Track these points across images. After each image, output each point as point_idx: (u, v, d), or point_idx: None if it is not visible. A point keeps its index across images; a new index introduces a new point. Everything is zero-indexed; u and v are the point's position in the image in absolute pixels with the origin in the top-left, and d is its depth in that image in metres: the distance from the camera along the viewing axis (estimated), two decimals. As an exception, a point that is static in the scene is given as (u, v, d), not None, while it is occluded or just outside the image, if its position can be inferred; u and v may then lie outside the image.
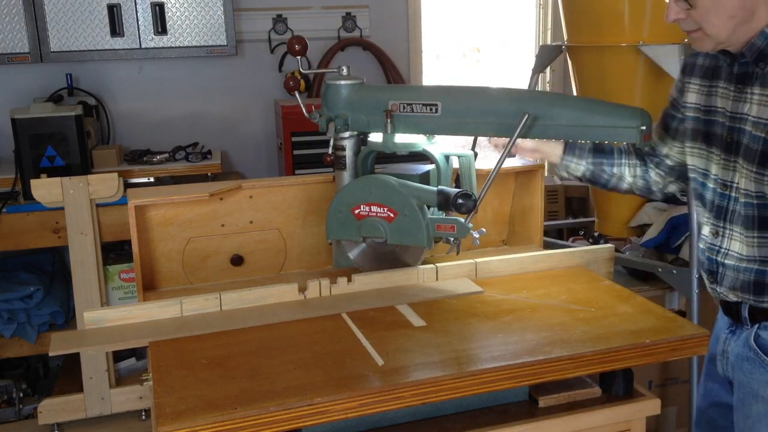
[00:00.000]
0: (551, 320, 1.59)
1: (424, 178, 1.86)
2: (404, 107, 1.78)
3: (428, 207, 1.77)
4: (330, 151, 1.86)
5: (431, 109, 1.75)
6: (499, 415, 1.50)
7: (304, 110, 1.90)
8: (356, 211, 1.81)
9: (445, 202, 1.71)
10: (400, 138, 1.81)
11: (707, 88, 1.66)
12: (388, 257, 1.86)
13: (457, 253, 1.80)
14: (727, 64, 1.60)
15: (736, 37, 1.50)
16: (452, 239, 1.75)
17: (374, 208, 1.79)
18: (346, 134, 1.85)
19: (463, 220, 1.72)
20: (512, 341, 1.49)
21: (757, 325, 1.62)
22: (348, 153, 1.88)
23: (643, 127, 1.60)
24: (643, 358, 1.49)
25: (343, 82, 1.83)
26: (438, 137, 1.84)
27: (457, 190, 1.72)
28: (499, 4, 4.64)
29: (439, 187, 1.75)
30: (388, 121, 1.77)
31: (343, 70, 1.86)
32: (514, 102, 1.71)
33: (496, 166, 1.68)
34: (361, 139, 1.88)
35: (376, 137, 1.85)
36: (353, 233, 1.82)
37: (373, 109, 1.81)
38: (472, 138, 1.88)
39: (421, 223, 1.74)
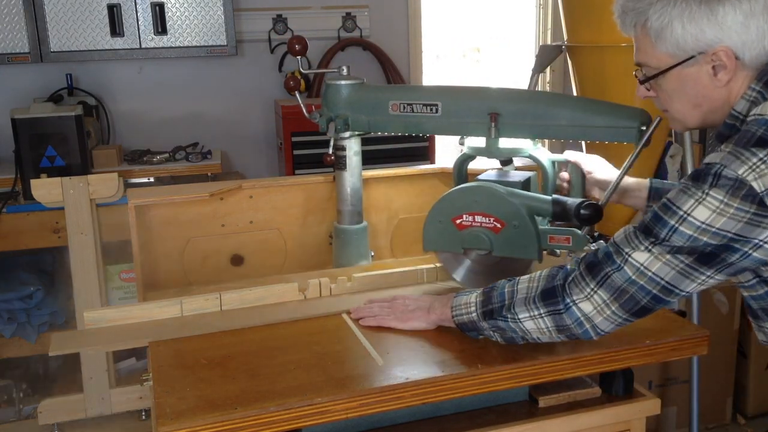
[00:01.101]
0: (551, 320, 1.59)
1: (527, 184, 1.75)
2: (404, 107, 1.77)
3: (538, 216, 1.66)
4: (330, 151, 1.86)
5: (431, 109, 1.75)
6: (499, 415, 1.49)
7: (304, 110, 1.90)
8: (458, 221, 1.69)
9: (562, 212, 1.60)
10: (505, 143, 1.73)
11: None
12: (493, 272, 1.72)
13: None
14: None
15: (710, 124, 1.41)
16: (567, 251, 1.65)
17: (478, 218, 1.67)
18: (347, 134, 1.85)
19: (580, 231, 1.61)
20: (512, 341, 1.49)
21: None
22: (348, 153, 1.87)
23: (643, 128, 1.60)
24: (643, 358, 1.49)
25: (343, 82, 1.83)
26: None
27: (578, 200, 1.60)
28: (499, 4, 4.64)
29: (554, 196, 1.65)
30: (493, 125, 1.68)
31: (343, 70, 1.85)
32: (514, 102, 1.70)
33: (621, 172, 1.61)
34: (362, 139, 1.87)
35: (476, 142, 1.76)
36: (454, 244, 1.71)
37: (373, 109, 1.80)
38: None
39: (533, 235, 1.63)
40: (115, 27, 3.38)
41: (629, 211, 3.02)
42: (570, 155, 1.74)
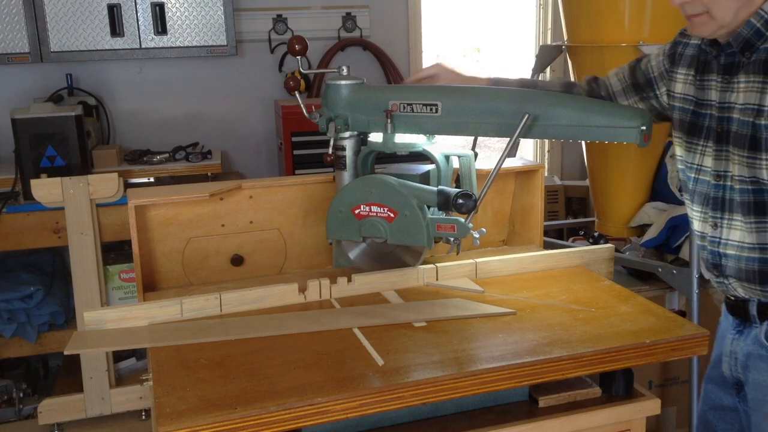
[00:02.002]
0: (551, 320, 1.59)
1: (425, 178, 1.86)
2: (404, 107, 1.78)
3: (428, 207, 1.77)
4: (330, 151, 1.86)
5: (431, 109, 1.75)
6: (499, 415, 1.50)
7: (304, 110, 1.90)
8: (356, 211, 1.80)
9: (445, 202, 1.71)
10: (400, 138, 1.81)
11: (699, 81, 1.67)
12: (388, 257, 1.86)
13: (457, 253, 1.80)
14: (714, 56, 1.62)
15: (738, 19, 1.51)
16: (452, 239, 1.75)
17: (374, 208, 1.79)
18: (346, 134, 1.85)
19: (463, 220, 1.72)
20: (512, 341, 1.49)
21: (767, 322, 1.61)
22: (348, 153, 1.87)
23: (643, 127, 1.60)
24: (643, 358, 1.49)
25: (343, 82, 1.83)
26: (438, 137, 1.85)
27: (457, 189, 1.72)
28: (499, 4, 4.64)
29: (440, 187, 1.75)
30: (388, 121, 1.77)
31: (343, 70, 1.85)
32: (514, 102, 1.71)
33: (496, 167, 1.67)
34: (362, 139, 1.88)
35: (376, 137, 1.85)
36: (353, 233, 1.82)
37: (373, 109, 1.81)
38: (472, 138, 1.89)
39: (421, 223, 1.74)
40: (115, 27, 3.38)
41: (627, 211, 3.02)
42: (460, 150, 1.86)
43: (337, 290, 1.76)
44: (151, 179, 3.34)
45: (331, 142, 1.85)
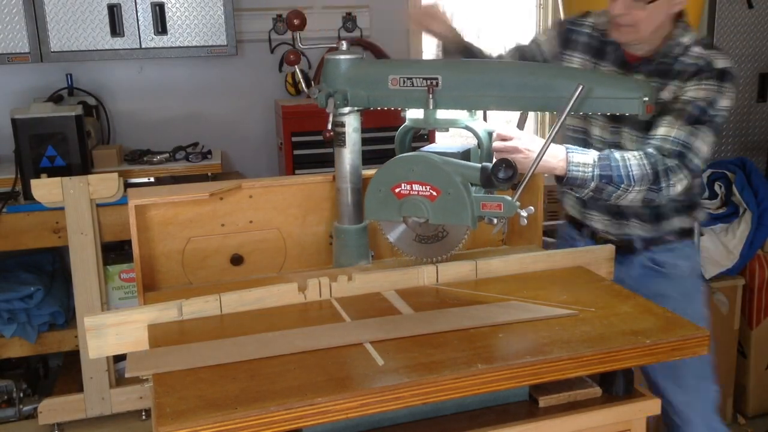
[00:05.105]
0: (551, 320, 1.59)
1: (465, 155, 1.80)
2: (404, 81, 1.75)
3: (471, 185, 1.70)
4: (329, 127, 1.82)
5: (432, 83, 1.73)
6: (499, 415, 1.50)
7: (303, 86, 1.89)
8: (396, 190, 1.73)
9: (489, 180, 1.64)
10: (442, 114, 1.76)
11: (594, 65, 2.06)
12: (429, 239, 1.79)
13: (504, 233, 1.75)
14: (614, 50, 2.03)
15: (652, 37, 1.94)
16: (497, 219, 1.68)
17: (416, 187, 1.72)
18: (346, 110, 1.82)
19: (510, 198, 1.66)
20: (512, 341, 1.49)
21: (649, 252, 2.12)
22: (347, 129, 1.84)
23: (645, 98, 1.60)
24: (643, 358, 1.49)
25: (342, 57, 1.81)
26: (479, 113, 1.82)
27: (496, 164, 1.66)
28: (499, 5, 4.64)
29: (483, 164, 1.68)
30: (430, 96, 1.72)
31: (342, 45, 1.84)
32: (516, 74, 1.69)
33: (545, 143, 1.65)
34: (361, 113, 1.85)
35: (415, 114, 1.80)
36: (393, 213, 1.75)
37: (372, 84, 1.78)
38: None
39: (466, 202, 1.67)
40: (115, 27, 3.38)
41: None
42: (499, 127, 1.84)
43: (337, 289, 1.75)
44: (151, 179, 3.34)
45: (330, 118, 1.81)
